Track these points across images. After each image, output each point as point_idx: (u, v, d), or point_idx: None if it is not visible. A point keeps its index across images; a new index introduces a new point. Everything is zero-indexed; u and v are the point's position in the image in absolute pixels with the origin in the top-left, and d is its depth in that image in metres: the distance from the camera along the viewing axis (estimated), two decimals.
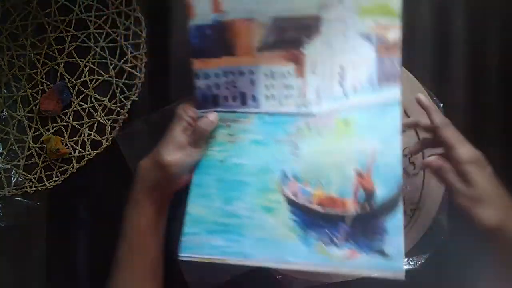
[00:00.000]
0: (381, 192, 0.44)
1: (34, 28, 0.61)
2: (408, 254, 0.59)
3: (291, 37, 0.47)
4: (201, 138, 0.51)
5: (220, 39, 0.48)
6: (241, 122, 0.49)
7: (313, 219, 0.44)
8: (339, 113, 0.47)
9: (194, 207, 0.48)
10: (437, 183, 0.53)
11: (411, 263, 0.59)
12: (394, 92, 0.46)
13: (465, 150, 0.46)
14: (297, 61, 0.48)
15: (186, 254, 0.46)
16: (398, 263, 0.41)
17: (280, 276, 0.59)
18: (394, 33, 0.46)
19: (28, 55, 0.61)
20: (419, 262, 0.59)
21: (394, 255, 0.42)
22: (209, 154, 0.49)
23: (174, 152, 0.50)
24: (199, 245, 0.46)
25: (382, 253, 0.42)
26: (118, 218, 0.61)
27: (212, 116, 0.51)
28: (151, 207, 0.52)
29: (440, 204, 0.58)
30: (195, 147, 0.51)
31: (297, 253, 0.43)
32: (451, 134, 0.47)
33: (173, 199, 0.52)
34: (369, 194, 0.44)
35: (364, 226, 0.43)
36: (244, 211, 0.46)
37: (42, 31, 0.61)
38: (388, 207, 0.43)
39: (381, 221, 0.43)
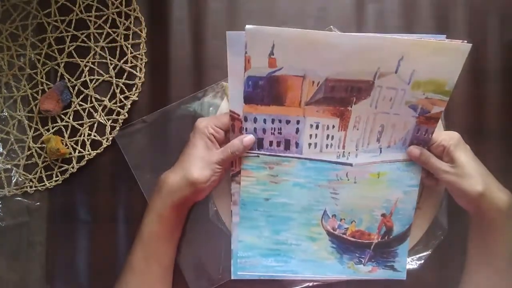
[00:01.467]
0: (397, 228, 0.56)
1: (34, 28, 0.61)
2: (408, 254, 0.59)
3: (340, 96, 0.51)
4: (231, 159, 0.53)
5: (272, 90, 0.51)
6: (284, 165, 0.54)
7: (347, 246, 0.57)
8: (372, 166, 0.55)
9: (246, 236, 0.56)
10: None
11: (411, 262, 0.59)
12: None
13: (445, 136, 0.53)
14: (342, 116, 0.53)
15: (242, 272, 0.57)
16: (403, 274, 0.58)
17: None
18: (439, 109, 0.52)
19: (28, 55, 0.61)
20: (419, 262, 0.59)
21: (401, 269, 0.57)
22: (252, 192, 0.55)
23: (203, 169, 0.52)
24: (254, 265, 0.56)
25: (393, 268, 0.57)
26: (118, 218, 0.61)
27: (246, 140, 0.53)
28: (173, 219, 0.55)
29: (440, 204, 0.59)
30: (221, 165, 0.53)
31: (334, 270, 0.57)
32: None
33: None
34: (389, 230, 0.57)
35: (382, 251, 0.57)
36: (292, 240, 0.56)
37: (42, 31, 0.61)
38: (400, 238, 0.57)
39: (394, 247, 0.57)
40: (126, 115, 0.61)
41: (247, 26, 0.48)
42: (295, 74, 0.50)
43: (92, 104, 0.61)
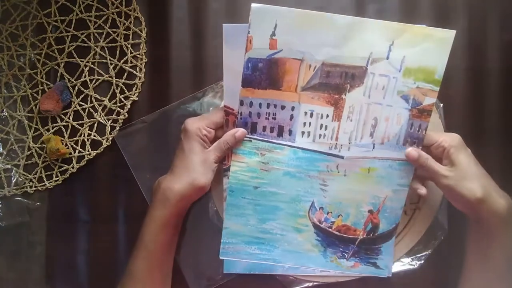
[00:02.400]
0: (383, 226, 0.56)
1: (34, 28, 0.61)
2: (408, 254, 0.59)
3: (335, 83, 0.52)
4: (225, 154, 0.53)
5: (270, 73, 0.52)
6: (276, 153, 0.54)
7: (332, 240, 0.57)
8: (364, 161, 0.54)
9: (232, 224, 0.56)
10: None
11: (411, 262, 0.59)
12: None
13: (445, 137, 0.52)
14: (337, 105, 0.53)
15: (225, 257, 0.56)
16: (386, 272, 0.58)
17: (279, 276, 0.59)
18: (430, 100, 0.52)
19: (28, 55, 0.61)
20: (419, 262, 0.59)
21: (384, 267, 0.58)
22: (241, 179, 0.55)
23: (207, 173, 0.53)
24: (237, 251, 0.56)
25: (375, 265, 0.58)
26: (118, 218, 0.61)
27: (238, 134, 0.53)
28: (177, 226, 0.56)
29: (440, 204, 0.59)
30: (217, 162, 0.54)
31: (317, 262, 0.57)
32: (428, 133, 0.53)
33: None
34: (375, 227, 0.56)
35: (366, 247, 0.57)
36: (277, 230, 0.56)
37: (42, 31, 0.61)
38: (386, 236, 0.57)
39: (378, 245, 0.57)
40: (126, 115, 0.61)
41: (253, 4, 0.49)
42: (294, 57, 0.51)
43: (92, 104, 0.61)
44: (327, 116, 0.53)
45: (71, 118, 0.61)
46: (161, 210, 0.52)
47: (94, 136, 0.61)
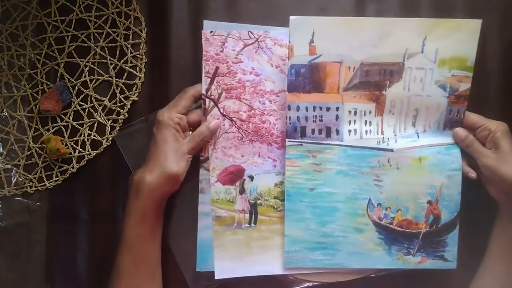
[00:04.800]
0: (445, 216, 0.56)
1: (34, 28, 0.61)
2: None
3: (375, 80, 0.55)
4: (200, 146, 0.54)
5: (313, 77, 0.55)
6: (326, 153, 0.56)
7: (395, 236, 0.57)
8: (413, 151, 0.56)
9: (292, 230, 0.57)
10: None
11: None
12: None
13: (492, 122, 0.55)
14: (378, 101, 0.56)
15: (290, 266, 0.57)
16: (453, 264, 0.57)
17: (279, 276, 0.59)
18: (465, 86, 0.55)
19: (28, 55, 0.61)
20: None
21: (452, 258, 0.57)
22: (297, 182, 0.56)
23: (179, 162, 0.54)
24: (301, 259, 0.57)
25: (443, 258, 0.57)
26: (118, 218, 0.61)
27: (212, 125, 0.55)
28: (155, 217, 0.54)
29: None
30: (191, 153, 0.54)
31: (383, 262, 0.57)
32: (475, 117, 0.56)
33: None
34: (436, 218, 0.57)
35: (431, 240, 0.57)
36: (338, 232, 0.57)
37: (42, 31, 0.61)
38: (449, 227, 0.57)
39: (443, 237, 0.57)
40: (126, 115, 0.61)
41: (291, 17, 0.53)
42: (333, 60, 0.55)
43: (92, 104, 0.61)
44: (370, 112, 0.56)
45: (71, 118, 0.61)
46: (136, 203, 0.53)
47: (94, 136, 0.61)
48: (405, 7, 0.60)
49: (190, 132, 0.56)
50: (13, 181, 0.61)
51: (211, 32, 0.56)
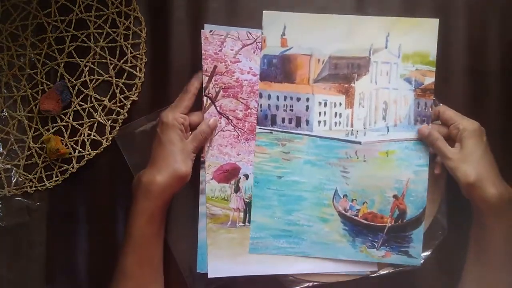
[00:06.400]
0: (410, 211, 0.57)
1: (34, 28, 0.61)
2: None
3: (343, 73, 0.58)
4: (203, 144, 0.54)
5: (284, 67, 0.57)
6: (295, 142, 0.58)
7: (359, 229, 0.58)
8: (381, 145, 0.57)
9: (259, 216, 0.58)
10: (437, 182, 0.58)
11: None
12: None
13: (464, 121, 0.54)
14: (348, 93, 0.58)
15: (255, 253, 0.57)
16: (417, 260, 0.57)
17: (279, 276, 0.59)
18: (430, 80, 0.57)
19: (28, 55, 0.61)
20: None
21: (416, 255, 0.57)
22: (265, 169, 0.57)
23: (187, 162, 0.54)
24: (266, 246, 0.57)
25: (407, 253, 0.57)
26: (118, 218, 0.61)
27: (211, 122, 0.56)
28: (162, 218, 0.55)
29: (440, 204, 0.59)
30: (195, 152, 0.55)
31: (346, 253, 0.58)
32: (451, 113, 0.56)
33: None
34: (402, 213, 0.57)
35: (396, 235, 0.57)
36: (304, 221, 0.58)
37: (42, 31, 0.61)
38: (414, 222, 0.57)
39: (408, 232, 0.57)
40: (126, 115, 0.61)
41: (265, 12, 0.57)
42: (303, 53, 0.57)
43: (92, 104, 0.61)
44: (340, 104, 0.57)
45: (71, 118, 0.61)
46: (146, 204, 0.53)
47: (94, 136, 0.61)
48: (405, 8, 0.60)
49: (190, 132, 0.56)
50: (13, 181, 0.61)
51: (210, 31, 0.57)
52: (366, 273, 0.58)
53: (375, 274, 0.59)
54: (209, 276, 0.57)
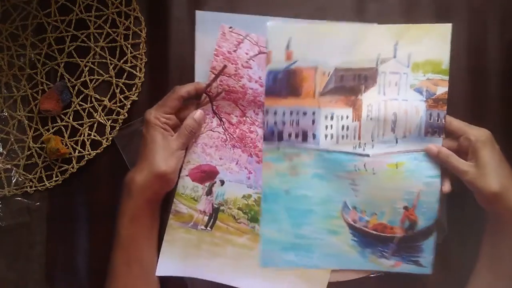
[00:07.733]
0: (421, 222, 0.56)
1: (34, 28, 0.61)
2: None
3: (350, 85, 0.56)
4: (190, 139, 0.53)
5: (289, 82, 0.56)
6: (302, 157, 0.56)
7: (369, 240, 0.57)
8: (390, 157, 0.56)
9: (267, 231, 0.57)
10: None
11: None
12: (437, 143, 0.55)
13: (474, 130, 0.52)
14: (355, 106, 0.56)
15: (266, 266, 0.57)
16: (428, 269, 0.57)
17: None
18: (443, 89, 0.55)
19: (28, 55, 0.61)
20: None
21: (426, 264, 0.57)
22: (273, 184, 0.57)
23: (168, 160, 0.53)
24: (275, 260, 0.57)
25: (417, 263, 0.57)
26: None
27: (197, 115, 0.55)
28: (148, 218, 0.54)
29: (440, 204, 0.58)
30: (183, 149, 0.54)
31: (356, 263, 0.57)
32: (458, 123, 0.54)
33: None
34: (413, 224, 0.56)
35: (407, 245, 0.57)
36: (313, 233, 0.57)
37: (42, 31, 0.61)
38: (425, 232, 0.56)
39: (419, 242, 0.56)
40: (126, 115, 0.61)
41: (268, 23, 0.55)
42: (308, 66, 0.55)
43: (92, 104, 0.61)
44: (347, 117, 0.56)
45: (71, 118, 0.61)
46: (127, 204, 0.53)
47: (94, 136, 0.61)
48: (405, 8, 0.60)
49: None
50: (13, 181, 0.61)
51: (230, 27, 0.55)
52: (367, 274, 0.58)
53: (375, 274, 0.58)
54: (157, 274, 0.56)
